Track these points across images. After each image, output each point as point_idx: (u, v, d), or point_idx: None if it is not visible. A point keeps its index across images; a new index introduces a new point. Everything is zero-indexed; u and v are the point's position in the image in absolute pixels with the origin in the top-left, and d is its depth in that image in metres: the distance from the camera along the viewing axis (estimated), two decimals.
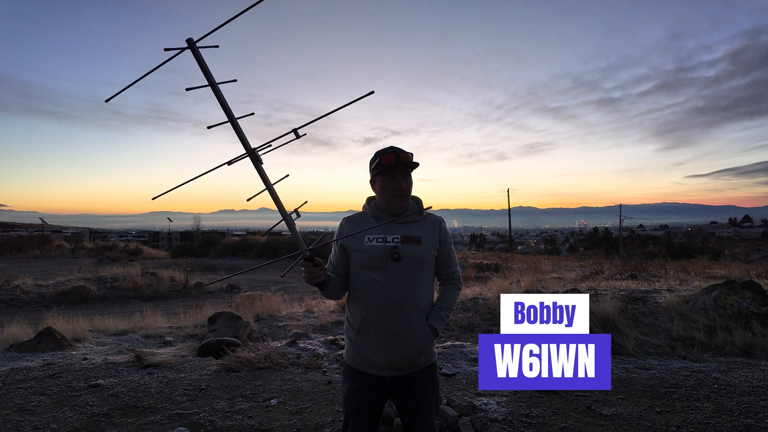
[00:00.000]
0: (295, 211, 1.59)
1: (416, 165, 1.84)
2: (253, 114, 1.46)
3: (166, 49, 1.23)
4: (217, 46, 1.25)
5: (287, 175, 1.56)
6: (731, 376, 4.09)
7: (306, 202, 1.59)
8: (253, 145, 1.48)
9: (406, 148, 1.82)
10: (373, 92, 1.49)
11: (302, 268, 1.66)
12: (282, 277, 1.87)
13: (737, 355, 5.10)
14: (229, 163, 1.47)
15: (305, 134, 1.50)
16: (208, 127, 1.39)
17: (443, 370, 4.21)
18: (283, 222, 1.56)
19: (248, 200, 1.49)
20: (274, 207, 1.52)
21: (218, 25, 1.20)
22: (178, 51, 1.25)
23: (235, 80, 1.38)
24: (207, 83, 1.35)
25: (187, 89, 1.33)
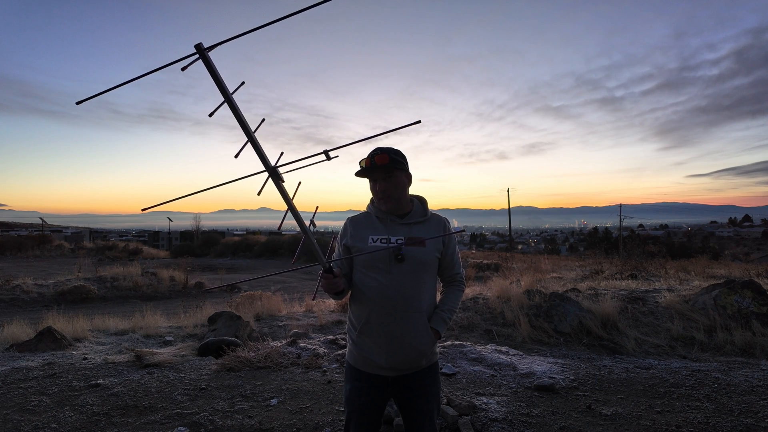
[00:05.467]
0: (312, 222, 1.60)
1: (396, 165, 1.79)
2: (264, 120, 1.41)
3: (183, 69, 1.10)
4: (221, 43, 1.17)
5: (300, 183, 1.55)
6: (731, 375, 4.09)
7: (318, 207, 1.60)
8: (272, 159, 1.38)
9: (407, 148, 1.80)
10: (419, 121, 1.44)
11: (322, 280, 1.66)
12: (313, 300, 1.89)
13: (737, 354, 5.10)
14: (259, 186, 1.39)
15: (337, 156, 1.45)
16: (235, 156, 1.33)
17: (443, 370, 4.21)
18: (304, 233, 1.57)
19: (278, 229, 1.49)
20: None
21: (231, 37, 1.12)
22: (191, 61, 1.14)
23: (243, 83, 1.30)
24: (223, 99, 1.21)
25: (210, 115, 1.22)
